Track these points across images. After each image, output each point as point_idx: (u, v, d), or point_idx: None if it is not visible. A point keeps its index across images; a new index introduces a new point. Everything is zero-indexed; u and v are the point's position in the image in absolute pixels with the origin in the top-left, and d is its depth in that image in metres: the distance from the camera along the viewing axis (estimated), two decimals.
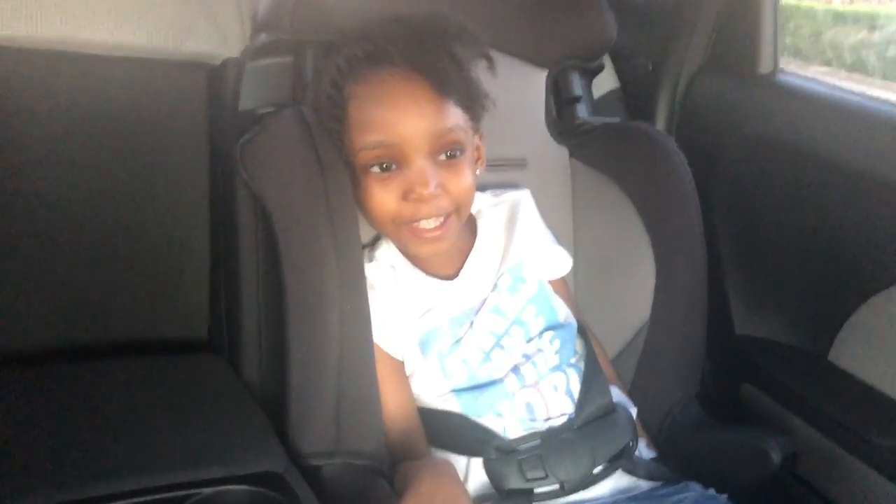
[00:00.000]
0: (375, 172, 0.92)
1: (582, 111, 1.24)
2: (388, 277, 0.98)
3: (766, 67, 1.28)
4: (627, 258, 1.14)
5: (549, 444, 0.93)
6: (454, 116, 0.92)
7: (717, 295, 1.21)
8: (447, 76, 0.90)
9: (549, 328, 1.02)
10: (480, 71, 0.98)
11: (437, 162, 0.91)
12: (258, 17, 1.08)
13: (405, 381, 0.98)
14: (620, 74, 1.43)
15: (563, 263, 1.10)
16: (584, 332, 1.07)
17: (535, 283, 1.04)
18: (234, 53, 1.10)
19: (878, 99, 1.13)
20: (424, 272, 1.00)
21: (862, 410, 1.05)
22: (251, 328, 1.02)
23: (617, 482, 0.96)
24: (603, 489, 0.95)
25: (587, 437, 0.95)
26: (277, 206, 0.94)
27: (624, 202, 1.14)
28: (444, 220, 0.93)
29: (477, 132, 0.99)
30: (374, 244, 1.03)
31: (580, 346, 1.05)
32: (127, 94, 1.07)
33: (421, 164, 0.90)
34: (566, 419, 0.96)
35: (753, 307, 1.28)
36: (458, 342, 0.98)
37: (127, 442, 0.80)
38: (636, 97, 1.43)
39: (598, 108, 1.31)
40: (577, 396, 0.98)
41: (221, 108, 1.09)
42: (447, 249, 0.97)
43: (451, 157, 0.92)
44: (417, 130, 0.89)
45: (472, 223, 1.05)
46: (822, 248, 1.16)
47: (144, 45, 1.06)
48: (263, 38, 1.07)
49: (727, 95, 1.32)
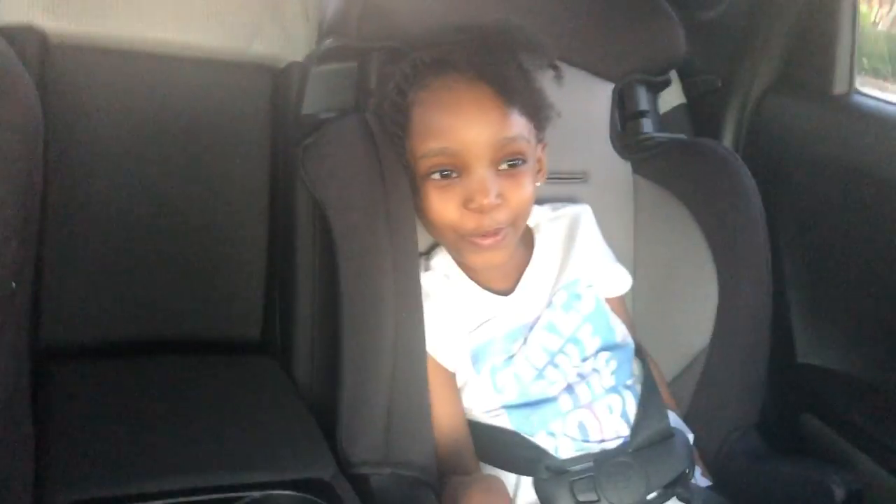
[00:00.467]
0: (436, 180, 0.91)
1: (647, 126, 1.22)
2: (443, 288, 0.97)
3: (840, 87, 1.24)
4: (690, 279, 1.11)
5: (602, 466, 0.91)
6: (518, 125, 0.91)
7: (780, 321, 1.18)
8: (512, 85, 0.89)
9: (605, 348, 0.99)
10: (546, 82, 0.97)
11: (498, 171, 0.90)
12: (325, 21, 1.09)
13: (457, 393, 0.97)
14: (688, 90, 1.40)
15: (621, 282, 1.08)
16: (641, 353, 1.04)
17: (591, 300, 1.02)
18: (299, 57, 1.11)
19: None
20: (480, 285, 0.99)
21: None
22: (306, 332, 1.02)
23: None
24: None
25: (642, 461, 0.92)
26: (337, 211, 0.94)
27: (688, 221, 1.12)
28: (501, 230, 0.92)
29: (540, 143, 0.98)
30: (430, 253, 1.02)
31: (637, 367, 1.02)
32: (194, 94, 1.09)
33: (482, 172, 0.89)
34: (621, 442, 0.94)
35: (818, 335, 1.23)
36: (510, 358, 0.96)
37: (179, 441, 0.81)
38: (703, 114, 1.40)
39: (664, 123, 1.29)
40: (632, 419, 0.96)
41: (285, 111, 1.10)
42: (503, 263, 0.96)
43: (512, 166, 0.91)
44: (480, 138, 0.88)
45: (529, 237, 1.04)
46: (889, 277, 1.11)
47: (212, 45, 1.08)
48: (329, 42, 1.07)
49: (798, 116, 1.28)
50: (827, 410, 1.15)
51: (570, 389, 0.95)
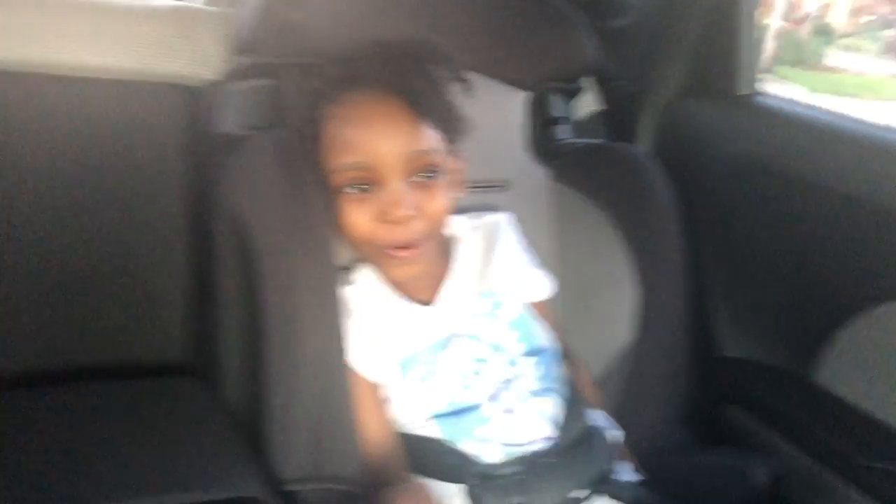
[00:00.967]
0: (350, 193, 0.91)
1: (563, 132, 1.24)
2: (365, 301, 0.98)
3: (744, 88, 1.29)
4: (610, 280, 1.14)
5: (530, 469, 0.92)
6: (430, 138, 0.92)
7: (699, 316, 1.21)
8: (423, 98, 0.90)
9: (529, 353, 1.01)
10: (460, 94, 0.98)
11: (411, 183, 0.91)
12: (238, 39, 1.09)
13: (383, 406, 0.97)
14: (604, 96, 1.43)
15: (543, 287, 1.09)
16: (566, 356, 1.06)
17: (513, 307, 1.03)
18: (213, 76, 1.10)
19: (853, 118, 1.14)
20: (402, 297, 0.99)
21: (847, 431, 1.04)
22: (229, 352, 1.01)
23: None
24: None
25: (568, 461, 0.94)
26: (255, 228, 0.94)
27: (606, 223, 1.14)
28: (417, 242, 0.92)
29: (454, 155, 0.99)
30: (351, 267, 1.02)
31: (563, 370, 1.04)
32: (110, 115, 1.07)
33: (395, 185, 0.90)
34: (548, 444, 0.95)
35: (736, 328, 1.27)
36: (436, 367, 0.97)
37: (105, 466, 0.79)
38: (619, 119, 1.44)
39: (581, 130, 1.32)
40: (559, 421, 0.97)
41: (200, 130, 1.09)
42: (421, 274, 0.97)
43: (426, 178, 0.92)
44: (392, 151, 0.89)
45: (449, 247, 1.05)
46: (804, 268, 1.16)
47: (128, 66, 1.07)
48: (242, 60, 1.07)
49: (707, 117, 1.33)
50: (748, 400, 1.18)
51: (495, 396, 0.96)
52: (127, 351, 1.08)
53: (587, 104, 1.40)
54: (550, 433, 0.96)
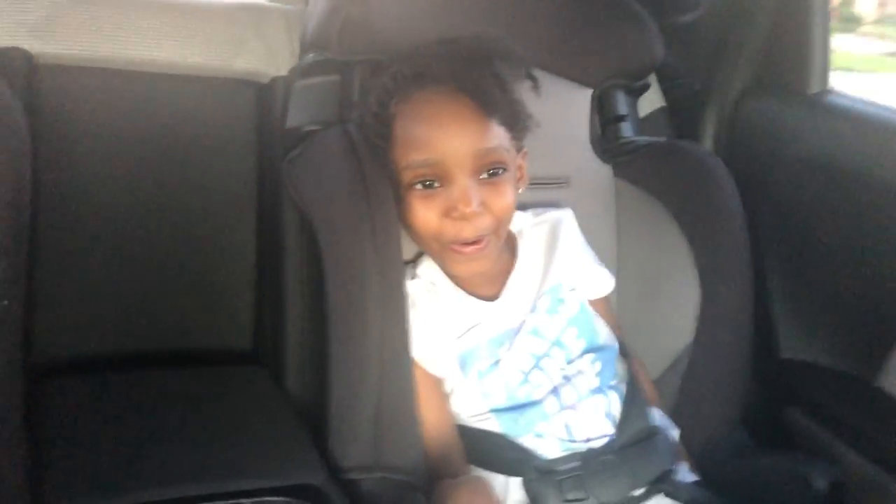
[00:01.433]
0: (419, 190, 0.93)
1: (627, 130, 1.23)
2: (429, 295, 0.99)
3: (816, 87, 1.26)
4: (671, 279, 1.13)
5: (588, 465, 0.93)
6: (497, 136, 0.93)
7: (763, 318, 1.19)
8: (491, 96, 0.91)
9: (589, 350, 1.01)
10: (525, 91, 0.98)
11: (479, 181, 0.92)
12: (307, 36, 1.11)
13: (444, 399, 0.98)
14: (667, 93, 1.41)
15: (604, 283, 1.09)
16: (625, 353, 1.06)
17: (575, 304, 1.03)
18: (282, 72, 1.13)
19: None
20: (465, 292, 1.00)
21: None
22: (294, 342, 1.03)
23: None
24: None
25: (627, 459, 0.94)
26: (322, 221, 0.96)
27: (669, 222, 1.13)
28: (483, 238, 0.93)
29: (520, 151, 1.00)
30: (416, 261, 1.04)
31: (621, 368, 1.04)
32: (180, 110, 1.10)
33: (464, 182, 0.91)
34: (606, 441, 0.95)
35: (801, 330, 1.25)
36: (497, 363, 0.98)
37: (170, 451, 0.82)
38: (683, 117, 1.42)
39: (644, 127, 1.30)
40: (617, 419, 0.97)
41: (270, 125, 1.12)
42: (487, 270, 0.98)
43: (493, 175, 0.93)
44: (461, 149, 0.90)
45: (512, 244, 1.05)
46: (871, 271, 1.13)
47: (197, 62, 1.10)
48: (312, 56, 1.09)
49: (775, 116, 1.30)
50: (811, 404, 1.16)
51: (555, 392, 0.97)
52: (197, 339, 1.12)
53: (650, 101, 1.38)
54: (609, 430, 0.96)
